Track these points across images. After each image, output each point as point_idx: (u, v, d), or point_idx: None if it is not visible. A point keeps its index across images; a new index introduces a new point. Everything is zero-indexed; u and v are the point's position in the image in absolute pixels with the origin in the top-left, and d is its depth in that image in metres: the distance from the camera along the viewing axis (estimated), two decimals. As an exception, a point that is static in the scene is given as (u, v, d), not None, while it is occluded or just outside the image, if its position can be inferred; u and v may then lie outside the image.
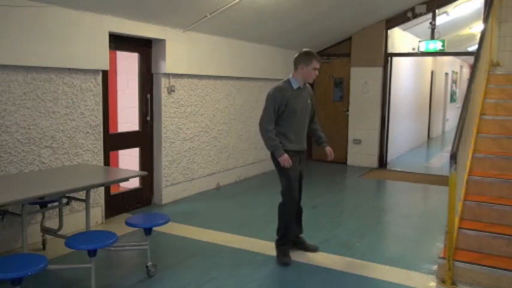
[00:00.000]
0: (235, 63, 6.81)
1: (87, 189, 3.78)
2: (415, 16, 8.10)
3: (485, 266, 3.53)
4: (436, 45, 8.23)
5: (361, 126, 8.73)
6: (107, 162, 5.05)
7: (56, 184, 3.58)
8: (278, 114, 3.86)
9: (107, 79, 5.03)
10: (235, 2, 5.29)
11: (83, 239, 3.22)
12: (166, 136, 5.74)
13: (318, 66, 3.89)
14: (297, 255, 4.12)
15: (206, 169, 6.51)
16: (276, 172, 4.03)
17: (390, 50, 8.63)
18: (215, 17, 5.54)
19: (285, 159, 3.81)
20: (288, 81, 3.93)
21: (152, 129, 5.72)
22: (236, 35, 6.64)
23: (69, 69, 4.46)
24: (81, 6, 4.40)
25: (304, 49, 3.94)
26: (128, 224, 3.67)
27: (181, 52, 5.76)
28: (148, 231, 3.64)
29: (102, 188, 4.93)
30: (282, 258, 3.94)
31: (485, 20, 5.40)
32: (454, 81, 17.15)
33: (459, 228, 3.82)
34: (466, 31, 11.98)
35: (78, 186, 3.59)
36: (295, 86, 3.91)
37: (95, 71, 4.73)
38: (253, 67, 7.30)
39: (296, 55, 3.93)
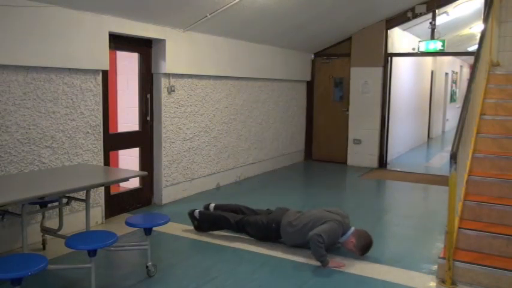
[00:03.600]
0: (235, 63, 6.81)
1: (87, 189, 3.78)
2: (415, 16, 8.09)
3: (485, 266, 3.53)
4: (436, 45, 8.23)
5: (361, 126, 8.73)
6: (107, 162, 5.05)
7: (56, 184, 3.58)
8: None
9: (107, 79, 5.03)
10: (235, 2, 5.30)
11: (83, 239, 3.22)
12: (166, 136, 5.74)
13: (354, 253, 4.16)
14: (297, 255, 4.13)
15: (206, 169, 6.51)
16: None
17: (390, 50, 8.63)
18: (215, 17, 5.54)
19: (333, 264, 3.94)
20: (343, 232, 4.14)
21: (152, 129, 5.72)
22: (236, 35, 6.64)
23: (69, 69, 4.46)
24: (81, 6, 4.40)
25: (370, 242, 4.15)
26: (128, 224, 3.67)
27: (181, 52, 5.76)
28: (148, 231, 3.64)
29: (102, 188, 4.92)
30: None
31: (485, 20, 5.39)
32: (454, 81, 17.15)
33: (459, 228, 3.82)
34: (466, 31, 11.98)
35: (78, 186, 3.59)
36: (341, 239, 4.18)
37: (95, 71, 4.73)
38: (253, 67, 7.31)
39: (365, 239, 4.14)
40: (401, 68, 9.84)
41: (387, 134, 8.79)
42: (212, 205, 4.83)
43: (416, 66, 11.29)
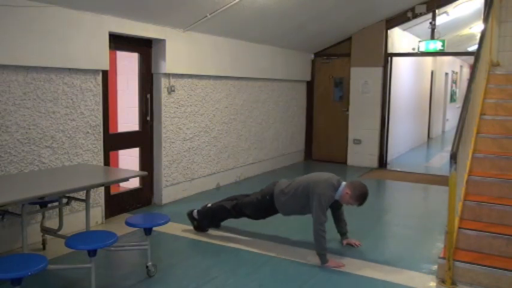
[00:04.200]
0: (235, 63, 6.81)
1: (87, 189, 3.78)
2: (415, 16, 8.09)
3: (485, 266, 3.53)
4: (436, 45, 8.23)
5: (361, 126, 8.72)
6: (107, 162, 5.05)
7: (56, 184, 3.58)
8: None
9: (107, 79, 5.03)
10: (235, 2, 5.30)
11: (83, 239, 3.22)
12: (166, 136, 5.74)
13: (353, 204, 4.12)
14: (297, 255, 4.13)
15: (206, 169, 6.51)
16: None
17: (390, 50, 8.63)
18: (215, 17, 5.54)
19: (332, 264, 3.92)
20: (335, 189, 4.08)
21: (152, 129, 5.72)
22: (236, 35, 6.64)
23: (69, 69, 4.45)
24: (81, 6, 4.40)
25: (365, 191, 4.09)
26: (128, 224, 3.67)
27: (181, 52, 5.76)
28: (148, 231, 3.64)
29: (102, 188, 4.92)
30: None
31: (485, 20, 5.39)
32: (454, 81, 17.15)
33: (459, 228, 3.83)
34: (466, 31, 11.98)
35: (78, 186, 3.59)
36: (336, 196, 4.11)
37: (95, 71, 4.73)
38: (253, 67, 7.31)
39: (360, 187, 4.09)
40: (401, 68, 9.84)
41: (387, 134, 8.79)
42: (209, 205, 4.82)
43: (416, 66, 11.29)
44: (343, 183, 4.14)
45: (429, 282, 3.65)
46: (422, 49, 8.43)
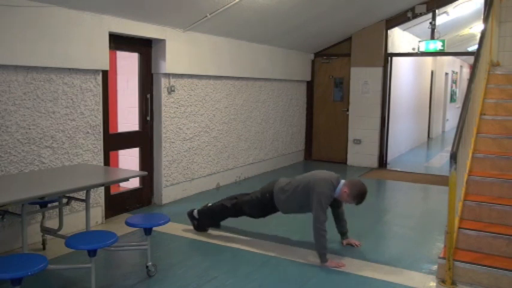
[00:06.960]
0: (235, 63, 6.81)
1: (87, 189, 3.77)
2: (415, 16, 8.10)
3: (485, 266, 3.53)
4: (436, 45, 8.23)
5: (361, 126, 8.73)
6: (107, 162, 5.05)
7: (56, 184, 3.58)
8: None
9: (107, 79, 5.03)
10: (235, 2, 5.30)
11: (83, 239, 3.22)
12: (166, 136, 5.74)
13: (351, 203, 4.12)
14: (297, 255, 4.13)
15: (206, 169, 6.51)
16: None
17: (390, 50, 8.63)
18: (215, 17, 5.54)
19: (332, 264, 3.92)
20: (334, 187, 4.07)
21: (152, 129, 5.72)
22: (236, 35, 6.64)
23: (69, 69, 4.46)
24: (81, 6, 4.40)
25: (364, 189, 4.08)
26: (128, 224, 3.67)
27: (181, 52, 5.76)
28: (148, 231, 3.64)
29: (102, 188, 4.92)
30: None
31: (485, 20, 5.39)
32: (454, 81, 17.16)
33: (459, 228, 3.83)
34: (466, 31, 11.98)
35: (78, 186, 3.59)
36: (335, 194, 4.10)
37: (95, 71, 4.73)
38: (253, 67, 7.31)
39: (359, 186, 4.08)
40: (401, 68, 9.84)
41: (387, 134, 8.79)
42: (209, 205, 4.83)
43: (416, 66, 11.29)
44: (342, 181, 4.13)
45: (429, 282, 3.65)
46: (422, 49, 8.43)
